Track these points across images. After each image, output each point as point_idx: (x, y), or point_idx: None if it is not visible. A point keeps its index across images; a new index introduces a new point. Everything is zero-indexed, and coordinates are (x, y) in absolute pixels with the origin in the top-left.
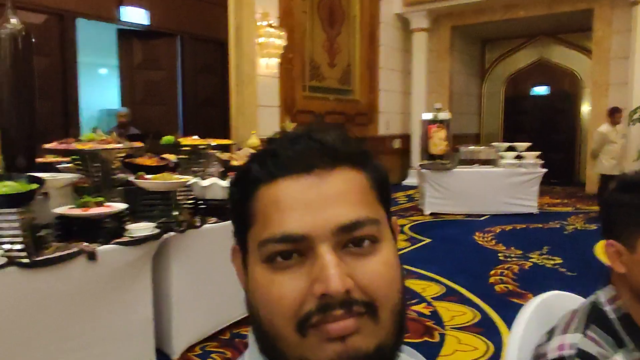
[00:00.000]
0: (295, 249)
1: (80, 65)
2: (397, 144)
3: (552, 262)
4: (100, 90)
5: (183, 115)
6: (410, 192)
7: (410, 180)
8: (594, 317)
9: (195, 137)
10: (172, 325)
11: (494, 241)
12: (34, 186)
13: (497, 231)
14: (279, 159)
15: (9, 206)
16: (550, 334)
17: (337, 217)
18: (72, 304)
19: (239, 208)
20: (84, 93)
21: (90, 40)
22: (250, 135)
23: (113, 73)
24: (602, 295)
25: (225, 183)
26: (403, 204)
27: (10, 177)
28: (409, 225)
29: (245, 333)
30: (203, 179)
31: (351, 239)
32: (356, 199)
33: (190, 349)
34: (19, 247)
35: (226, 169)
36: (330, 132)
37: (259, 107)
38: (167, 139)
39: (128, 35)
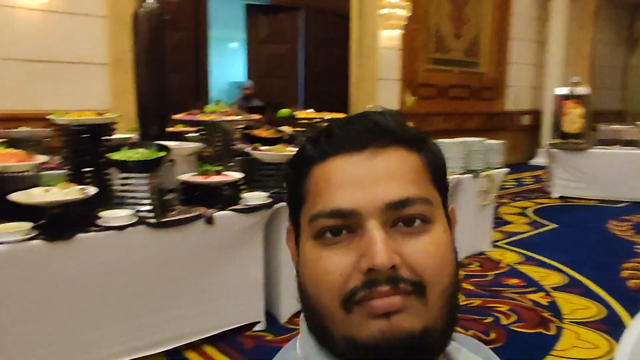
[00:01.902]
0: (345, 225)
1: (212, 39)
2: (525, 120)
3: None
4: (230, 64)
5: (304, 88)
6: (538, 172)
7: (539, 160)
8: None
9: (311, 110)
10: (281, 290)
11: (631, 231)
12: (162, 154)
13: (637, 221)
14: (332, 138)
15: (140, 171)
16: None
17: (386, 194)
18: (190, 263)
19: (293, 187)
20: (214, 66)
21: (221, 16)
22: (366, 108)
23: (242, 47)
24: None
25: None
26: (528, 185)
27: (141, 145)
28: (533, 208)
29: None
30: None
31: (401, 217)
32: (408, 177)
33: (297, 314)
34: (147, 208)
35: None
36: (386, 115)
37: (379, 80)
38: (284, 111)
39: (255, 10)
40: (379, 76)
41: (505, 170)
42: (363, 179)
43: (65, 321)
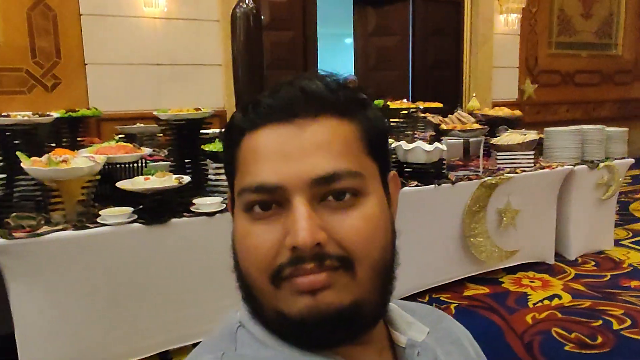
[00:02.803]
0: (273, 200)
1: (326, 36)
2: None
3: None
4: (343, 60)
5: (413, 79)
6: None
7: None
8: None
9: (405, 100)
10: None
11: None
12: None
13: None
14: (260, 107)
15: None
16: None
17: (313, 169)
18: None
19: (227, 157)
20: (325, 62)
21: (333, 12)
22: (470, 97)
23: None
24: None
25: (429, 147)
26: None
27: None
28: None
29: (444, 299)
30: (411, 142)
31: (330, 191)
32: (337, 149)
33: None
34: None
35: (438, 133)
36: (317, 80)
37: (494, 68)
38: (377, 103)
39: (362, 4)
40: (494, 64)
41: (629, 161)
42: (290, 153)
43: (157, 296)
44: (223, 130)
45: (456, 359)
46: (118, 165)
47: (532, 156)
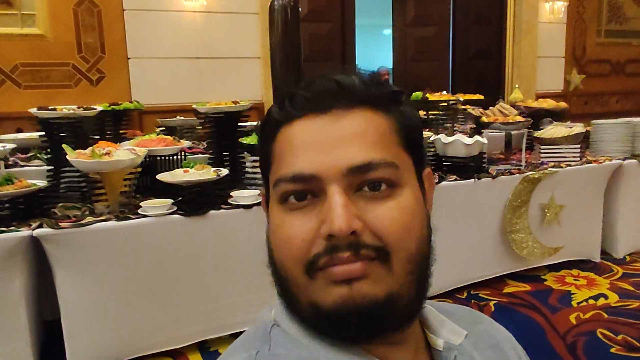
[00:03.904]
0: (308, 190)
1: (365, 27)
2: None
3: None
4: (381, 51)
5: (453, 70)
6: None
7: None
8: None
9: (444, 92)
10: None
11: None
12: None
13: None
14: (295, 100)
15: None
16: None
17: (348, 158)
18: None
19: (263, 150)
20: (364, 53)
21: (372, 3)
22: (513, 88)
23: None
24: None
25: (469, 140)
26: None
27: None
28: None
29: (483, 296)
30: (450, 135)
31: (365, 181)
32: (372, 140)
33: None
34: None
35: (478, 126)
36: (353, 75)
37: (539, 58)
38: (416, 95)
39: None
40: (539, 54)
41: None
42: (325, 143)
43: (195, 286)
44: (259, 124)
45: None
46: (158, 158)
47: (578, 150)
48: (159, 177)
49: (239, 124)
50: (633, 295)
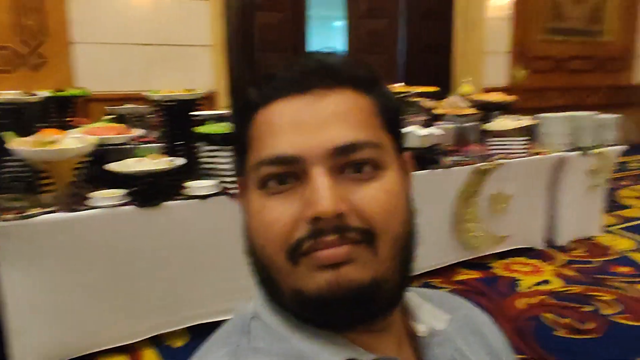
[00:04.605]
0: (290, 172)
1: (315, 19)
2: None
3: None
4: (332, 42)
5: (405, 63)
6: None
7: None
8: None
9: (400, 84)
10: None
11: None
12: None
13: None
14: (275, 80)
15: (223, 144)
16: None
17: (332, 138)
18: None
19: (238, 135)
20: (314, 45)
21: None
22: (462, 82)
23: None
24: None
25: (424, 131)
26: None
27: (226, 119)
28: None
29: (436, 284)
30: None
31: (349, 162)
32: (355, 120)
33: None
34: (229, 179)
35: (431, 118)
36: (332, 55)
37: (486, 53)
38: None
39: None
40: (486, 49)
41: (621, 147)
42: (307, 123)
43: (148, 280)
44: (234, 107)
45: (476, 349)
46: (109, 147)
47: (525, 142)
48: (110, 166)
49: (193, 113)
50: (575, 280)
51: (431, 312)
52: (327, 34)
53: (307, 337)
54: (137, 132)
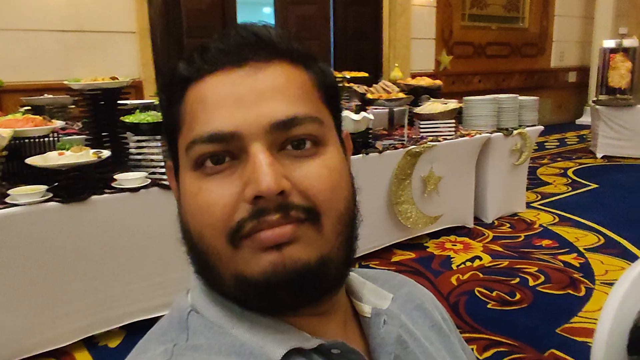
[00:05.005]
0: (226, 151)
1: (243, 4)
2: (572, 77)
3: None
4: None
5: (334, 49)
6: (583, 132)
7: (586, 119)
8: None
9: (331, 70)
10: None
11: None
12: None
13: None
14: (208, 53)
15: (152, 134)
16: None
17: (271, 113)
18: None
19: (168, 114)
20: None
21: None
22: (392, 67)
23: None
24: None
25: (357, 116)
26: (572, 145)
27: (154, 108)
28: (574, 168)
29: (374, 266)
30: None
31: (290, 138)
32: (295, 94)
33: None
34: (161, 170)
35: (363, 102)
36: (268, 28)
37: (413, 39)
38: None
39: None
40: (412, 35)
41: (540, 128)
42: (244, 97)
43: (78, 278)
44: (163, 84)
45: (421, 324)
46: (27, 140)
47: (453, 125)
48: (29, 161)
49: (119, 102)
50: (502, 255)
51: (375, 291)
52: (256, 19)
53: (249, 328)
54: (58, 123)
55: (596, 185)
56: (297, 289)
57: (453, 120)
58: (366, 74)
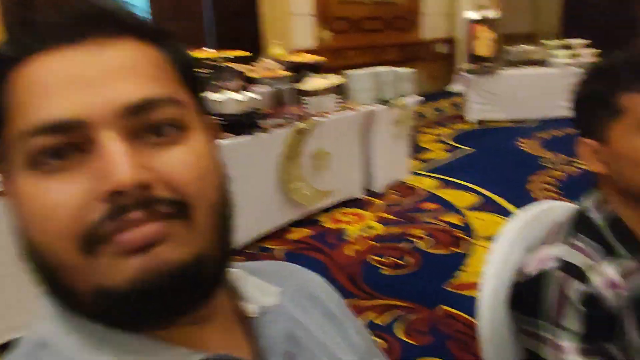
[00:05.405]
0: (70, 143)
1: None
2: (442, 48)
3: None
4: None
5: (214, 29)
6: (456, 99)
7: (456, 87)
8: (581, 226)
9: (211, 50)
10: None
11: (540, 148)
12: None
13: (546, 137)
14: (36, 28)
15: None
16: (533, 249)
17: (122, 95)
18: None
19: None
20: None
21: None
22: (273, 45)
23: None
24: (589, 202)
25: (241, 97)
26: (447, 112)
27: None
28: (451, 134)
29: (271, 247)
30: (219, 93)
31: (148, 124)
32: (149, 73)
33: None
34: None
35: (246, 82)
36: (116, 1)
37: (292, 16)
38: None
39: None
40: (291, 12)
41: (419, 98)
42: (87, 78)
43: None
44: None
45: (314, 314)
46: None
47: (337, 99)
48: None
49: None
50: (393, 222)
51: (260, 287)
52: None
53: (114, 356)
54: None
55: (472, 149)
56: (173, 294)
57: (337, 95)
58: (246, 53)
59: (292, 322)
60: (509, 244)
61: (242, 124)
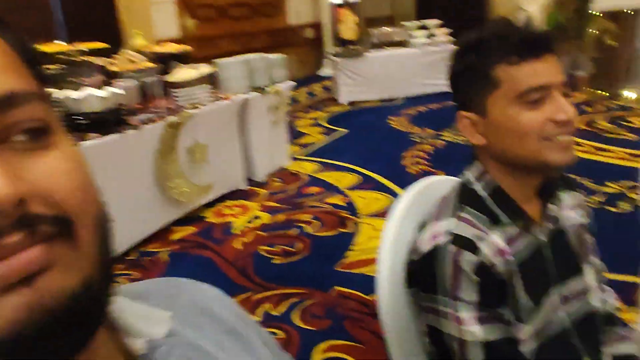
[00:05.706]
0: None
1: None
2: (309, 33)
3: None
4: None
5: (65, 21)
6: (327, 83)
7: (326, 70)
8: (466, 198)
9: (61, 43)
10: None
11: (409, 124)
12: None
13: (413, 113)
14: None
15: None
16: (424, 225)
17: None
18: None
19: None
20: None
21: None
22: (134, 35)
23: None
24: (470, 174)
25: (103, 93)
26: (319, 95)
27: None
28: (325, 117)
29: (154, 250)
30: (78, 90)
31: (10, 125)
32: (5, 65)
33: None
34: None
35: (108, 77)
36: None
37: (152, 3)
38: None
39: None
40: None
41: (292, 83)
42: None
43: None
44: None
45: (212, 332)
46: None
47: (209, 89)
48: None
49: None
50: (278, 210)
51: (146, 316)
52: None
53: None
54: None
55: (346, 130)
56: (65, 330)
57: (208, 85)
58: (103, 45)
59: (188, 349)
60: (400, 223)
61: (107, 121)
